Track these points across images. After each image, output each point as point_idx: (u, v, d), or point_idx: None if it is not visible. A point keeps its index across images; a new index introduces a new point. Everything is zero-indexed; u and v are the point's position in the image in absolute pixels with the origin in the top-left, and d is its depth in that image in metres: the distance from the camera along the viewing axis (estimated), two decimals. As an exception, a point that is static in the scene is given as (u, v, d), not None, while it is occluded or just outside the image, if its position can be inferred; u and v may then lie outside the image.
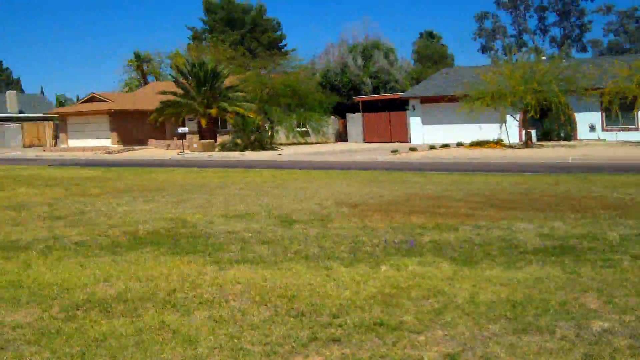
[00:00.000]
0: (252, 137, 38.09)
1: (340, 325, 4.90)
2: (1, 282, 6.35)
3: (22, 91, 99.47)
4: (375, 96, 47.51)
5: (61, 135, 55.56)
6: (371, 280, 6.17)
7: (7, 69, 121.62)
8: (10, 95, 76.05)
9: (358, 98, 46.64)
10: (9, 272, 6.73)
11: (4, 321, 5.15)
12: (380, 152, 31.12)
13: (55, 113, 59.30)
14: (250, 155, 33.66)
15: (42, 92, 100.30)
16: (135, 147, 45.26)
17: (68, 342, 4.65)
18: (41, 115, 66.26)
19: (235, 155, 34.31)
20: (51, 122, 59.92)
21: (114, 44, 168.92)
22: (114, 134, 50.73)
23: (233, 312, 5.31)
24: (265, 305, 5.49)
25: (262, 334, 4.75)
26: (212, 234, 8.98)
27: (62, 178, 18.99)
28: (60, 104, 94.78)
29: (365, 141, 43.96)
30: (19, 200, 13.21)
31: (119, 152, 42.57)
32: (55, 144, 57.34)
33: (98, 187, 15.91)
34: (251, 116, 39.37)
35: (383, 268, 6.67)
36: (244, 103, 40.82)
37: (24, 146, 58.06)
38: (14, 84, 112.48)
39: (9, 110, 71.90)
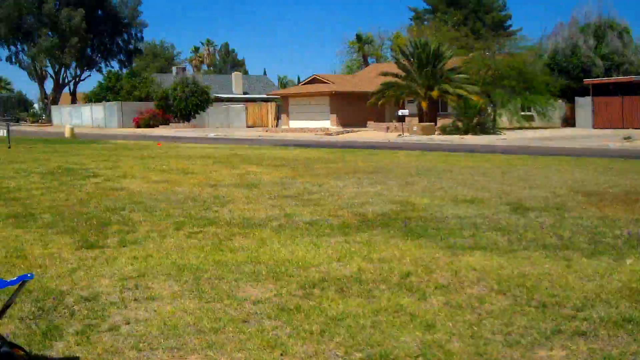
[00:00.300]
0: (474, 121, 37.71)
1: (585, 319, 4.76)
2: (241, 257, 6.87)
3: (246, 72, 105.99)
4: (607, 79, 44.87)
5: (282, 116, 58.30)
6: (616, 274, 5.93)
7: (233, 51, 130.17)
8: (236, 76, 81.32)
9: (588, 81, 44.23)
10: (247, 248, 7.26)
11: (246, 295, 5.58)
12: (611, 138, 29.60)
13: (277, 94, 62.33)
14: (471, 139, 33.28)
15: (264, 74, 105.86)
16: (354, 129, 46.38)
17: (307, 319, 4.90)
18: (264, 96, 70.18)
19: (455, 138, 34.11)
20: (273, 103, 63.08)
21: (336, 25, 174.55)
22: (334, 115, 52.31)
23: (470, 299, 5.32)
24: (504, 294, 5.45)
25: (502, 324, 4.72)
26: (442, 218, 9.06)
27: (288, 158, 20.03)
28: (282, 85, 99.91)
29: (594, 127, 41.72)
30: (249, 179, 14.15)
31: (338, 133, 43.87)
32: (277, 124, 60.25)
33: (323, 168, 16.58)
34: (473, 99, 38.88)
35: (628, 261, 6.37)
36: (466, 85, 40.37)
37: (247, 126, 61.63)
38: (239, 66, 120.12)
39: (234, 91, 77.08)
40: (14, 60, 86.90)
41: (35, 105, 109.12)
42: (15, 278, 4.24)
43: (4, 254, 6.93)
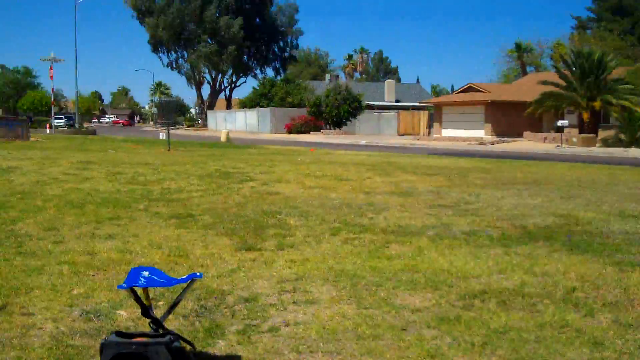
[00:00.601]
0: (639, 134, 36.07)
1: None
2: (398, 265, 6.86)
3: (399, 80, 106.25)
4: None
5: (434, 124, 57.98)
6: None
7: (387, 58, 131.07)
8: (389, 84, 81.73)
9: None
10: (404, 256, 7.24)
11: (404, 303, 5.57)
12: None
13: (430, 102, 62.10)
14: (635, 152, 31.67)
15: (417, 82, 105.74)
16: (508, 139, 45.50)
17: (468, 330, 4.83)
18: (416, 104, 70.06)
19: (617, 151, 32.71)
20: (426, 112, 62.90)
21: (493, 33, 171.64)
22: (488, 125, 51.54)
23: (640, 318, 5.09)
24: (678, 314, 5.18)
25: (678, 345, 4.49)
26: (608, 233, 8.72)
27: (442, 167, 19.88)
28: (436, 93, 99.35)
29: None
30: (404, 187, 14.15)
31: (492, 143, 43.15)
32: (429, 133, 60.01)
33: (479, 178, 16.33)
34: (638, 110, 37.11)
35: None
36: (631, 97, 38.66)
37: (398, 134, 61.71)
38: (392, 74, 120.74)
39: (386, 99, 77.47)
40: (174, 66, 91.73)
41: (192, 110, 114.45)
42: (185, 276, 4.44)
43: (167, 253, 7.27)
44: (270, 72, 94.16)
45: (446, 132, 55.45)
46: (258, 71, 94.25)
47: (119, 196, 11.88)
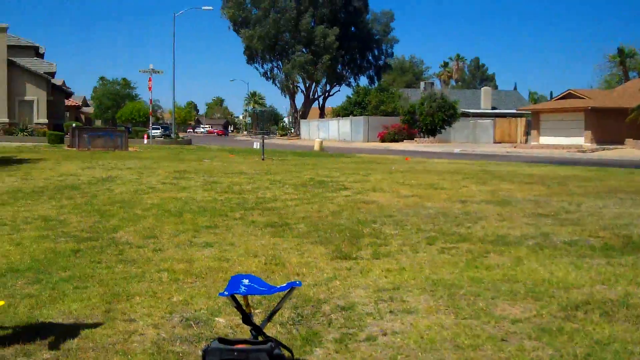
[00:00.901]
0: None
1: None
2: (497, 275, 6.78)
3: (495, 87, 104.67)
4: None
5: (532, 132, 56.92)
6: None
7: (483, 65, 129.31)
8: (485, 91, 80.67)
9: None
10: (503, 266, 7.14)
11: (504, 314, 5.49)
12: None
13: (528, 109, 61.02)
14: None
15: (515, 89, 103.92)
16: (609, 147, 44.32)
17: (571, 342, 4.74)
18: (513, 111, 68.89)
19: None
20: (523, 119, 61.78)
21: (594, 38, 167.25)
22: (588, 132, 50.38)
23: None
24: None
25: None
26: None
27: (540, 175, 19.47)
28: (534, 100, 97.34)
29: None
30: (501, 195, 13.93)
31: (592, 151, 42.11)
32: (526, 140, 58.94)
33: (579, 187, 15.95)
34: None
35: None
36: None
37: (494, 142, 60.85)
38: (489, 81, 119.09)
39: (482, 106, 76.42)
40: (268, 75, 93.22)
41: (285, 119, 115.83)
42: (284, 284, 4.52)
43: (263, 262, 7.39)
44: (364, 80, 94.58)
45: (544, 140, 54.36)
46: (352, 80, 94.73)
47: (215, 205, 12.15)
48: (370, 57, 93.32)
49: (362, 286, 6.35)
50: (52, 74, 56.67)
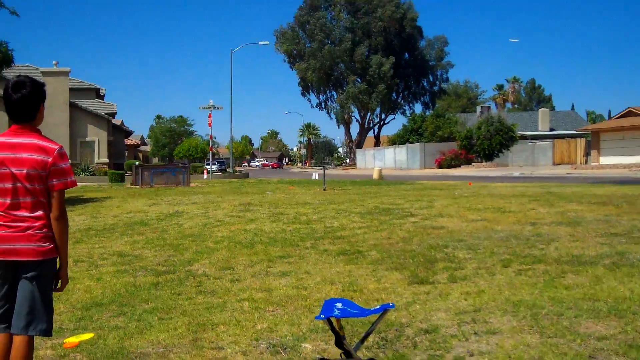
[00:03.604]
0: None
1: None
2: (578, 294, 6.79)
3: (553, 108, 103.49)
4: None
5: (592, 152, 56.10)
6: None
7: (540, 87, 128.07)
8: (543, 112, 79.83)
9: None
10: (582, 286, 7.15)
11: (589, 332, 5.52)
12: None
13: (587, 129, 60.16)
14: None
15: (572, 109, 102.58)
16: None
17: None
18: (572, 132, 67.97)
19: None
20: (582, 139, 60.93)
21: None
22: (649, 150, 49.70)
23: None
24: None
25: None
26: None
27: (607, 195, 19.21)
28: (591, 120, 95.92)
29: None
30: (570, 216, 13.82)
31: (655, 169, 41.35)
32: (586, 161, 58.08)
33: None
34: None
35: None
36: None
37: (553, 164, 60.09)
38: (545, 102, 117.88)
39: (539, 128, 75.58)
40: (323, 106, 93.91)
41: (340, 149, 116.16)
42: (378, 307, 4.64)
43: (341, 288, 7.51)
44: (419, 107, 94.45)
45: (605, 160, 53.52)
46: (406, 107, 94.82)
47: (285, 235, 12.35)
48: (424, 83, 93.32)
49: (442, 309, 6.43)
50: (113, 115, 58.06)
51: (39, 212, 4.04)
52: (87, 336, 5.77)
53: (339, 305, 4.52)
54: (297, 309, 6.66)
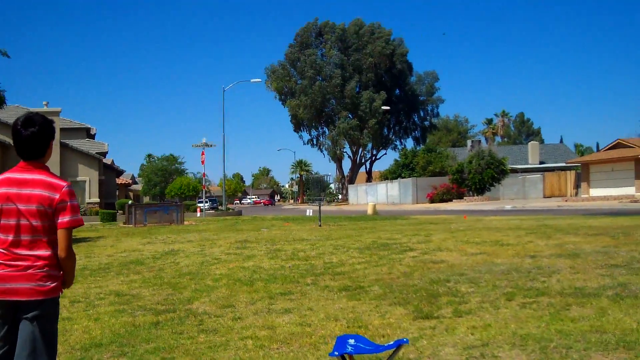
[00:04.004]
0: None
1: None
2: (584, 326, 6.74)
3: (542, 141, 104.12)
4: None
5: (582, 184, 56.42)
6: None
7: (529, 120, 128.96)
8: (532, 146, 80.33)
9: None
10: (588, 318, 7.10)
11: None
12: None
13: (577, 161, 60.47)
14: None
15: (561, 141, 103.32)
16: (663, 196, 43.66)
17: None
18: (561, 164, 68.34)
19: None
20: (572, 172, 61.23)
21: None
22: (639, 181, 49.85)
23: None
24: None
25: None
26: None
27: (602, 227, 19.23)
28: (580, 152, 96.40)
29: None
30: (569, 248, 13.79)
31: (644, 200, 41.59)
32: (576, 193, 58.34)
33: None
34: None
35: None
36: None
37: (544, 196, 60.29)
38: (534, 135, 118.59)
39: (529, 161, 75.96)
40: (314, 143, 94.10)
41: (332, 185, 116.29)
42: (392, 342, 4.58)
43: (345, 325, 7.44)
44: (410, 142, 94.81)
45: (595, 192, 53.77)
46: (398, 142, 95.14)
47: (284, 272, 12.26)
48: (415, 118, 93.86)
49: (450, 344, 6.37)
50: (104, 154, 58.09)
51: (41, 252, 3.99)
52: (89, 378, 5.67)
53: (351, 341, 4.46)
54: (302, 346, 6.58)
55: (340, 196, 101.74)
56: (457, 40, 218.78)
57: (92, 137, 63.10)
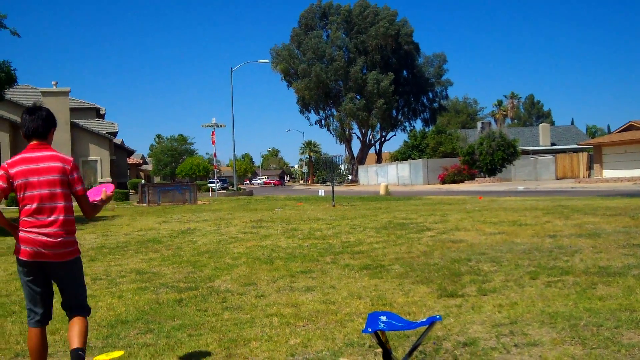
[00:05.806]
0: None
1: None
2: (613, 305, 6.67)
3: (552, 123, 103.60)
4: None
5: (595, 165, 56.18)
6: None
7: (539, 102, 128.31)
8: (543, 127, 79.88)
9: None
10: (616, 296, 7.04)
11: (632, 342, 5.38)
12: None
13: (589, 143, 60.18)
14: None
15: (572, 123, 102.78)
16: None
17: None
18: (573, 146, 68.05)
19: None
20: (584, 153, 60.94)
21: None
22: (651, 162, 49.89)
23: None
24: None
25: None
26: None
27: (620, 207, 19.09)
28: (591, 134, 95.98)
29: None
30: (588, 228, 13.68)
31: (657, 181, 41.45)
32: (589, 175, 58.10)
33: (662, 216, 15.69)
34: None
35: None
36: None
37: (556, 178, 60.07)
38: (545, 117, 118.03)
39: (540, 143, 75.64)
40: (322, 124, 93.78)
41: (342, 166, 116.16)
42: (424, 319, 4.54)
43: (370, 303, 7.41)
44: (419, 123, 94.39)
45: (608, 173, 53.62)
46: (407, 124, 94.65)
47: (302, 251, 12.26)
48: (424, 100, 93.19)
49: (477, 322, 6.33)
50: (114, 134, 58.12)
51: (62, 216, 4.73)
52: (117, 354, 5.66)
53: (383, 318, 4.43)
54: (328, 323, 6.56)
55: (350, 177, 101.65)
56: (465, 22, 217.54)
57: (102, 117, 63.10)
